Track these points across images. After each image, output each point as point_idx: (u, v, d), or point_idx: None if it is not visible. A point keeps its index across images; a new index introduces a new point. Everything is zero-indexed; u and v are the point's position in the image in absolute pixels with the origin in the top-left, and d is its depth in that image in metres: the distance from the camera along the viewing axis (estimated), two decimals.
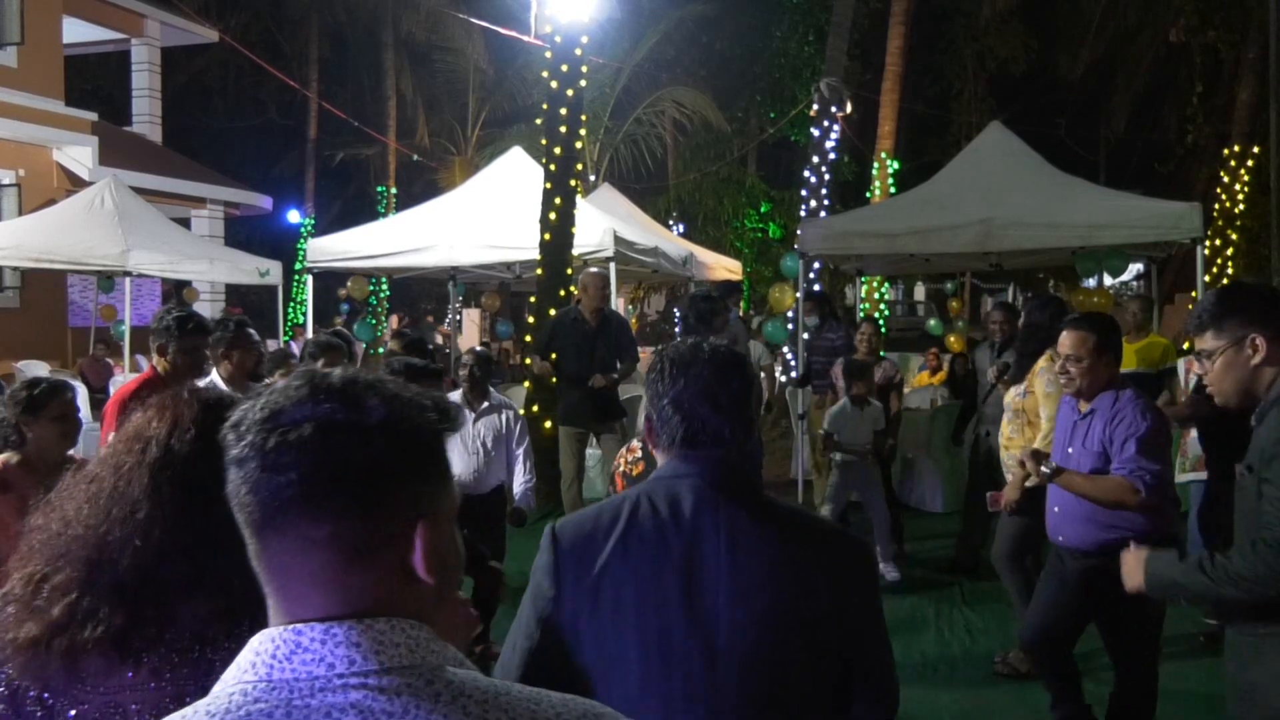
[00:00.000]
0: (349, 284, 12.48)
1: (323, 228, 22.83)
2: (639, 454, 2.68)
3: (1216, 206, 16.25)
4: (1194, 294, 7.66)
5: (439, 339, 17.63)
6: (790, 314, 12.41)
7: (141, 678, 1.29)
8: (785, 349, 11.98)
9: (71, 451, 3.66)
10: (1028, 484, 4.15)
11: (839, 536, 1.89)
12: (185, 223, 16.74)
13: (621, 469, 2.75)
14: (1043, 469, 3.70)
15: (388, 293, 24.09)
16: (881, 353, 7.99)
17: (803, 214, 15.56)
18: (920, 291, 39.02)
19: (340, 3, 24.21)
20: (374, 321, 20.38)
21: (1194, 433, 6.03)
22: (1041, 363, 4.95)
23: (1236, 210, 16.49)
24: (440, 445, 1.00)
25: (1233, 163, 16.65)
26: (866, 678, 1.80)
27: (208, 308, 16.91)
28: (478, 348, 5.77)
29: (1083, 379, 3.72)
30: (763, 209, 21.99)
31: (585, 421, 7.16)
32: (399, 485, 0.94)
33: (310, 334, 11.65)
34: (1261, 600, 2.40)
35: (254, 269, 13.50)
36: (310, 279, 11.66)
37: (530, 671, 1.68)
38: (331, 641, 0.90)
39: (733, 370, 1.80)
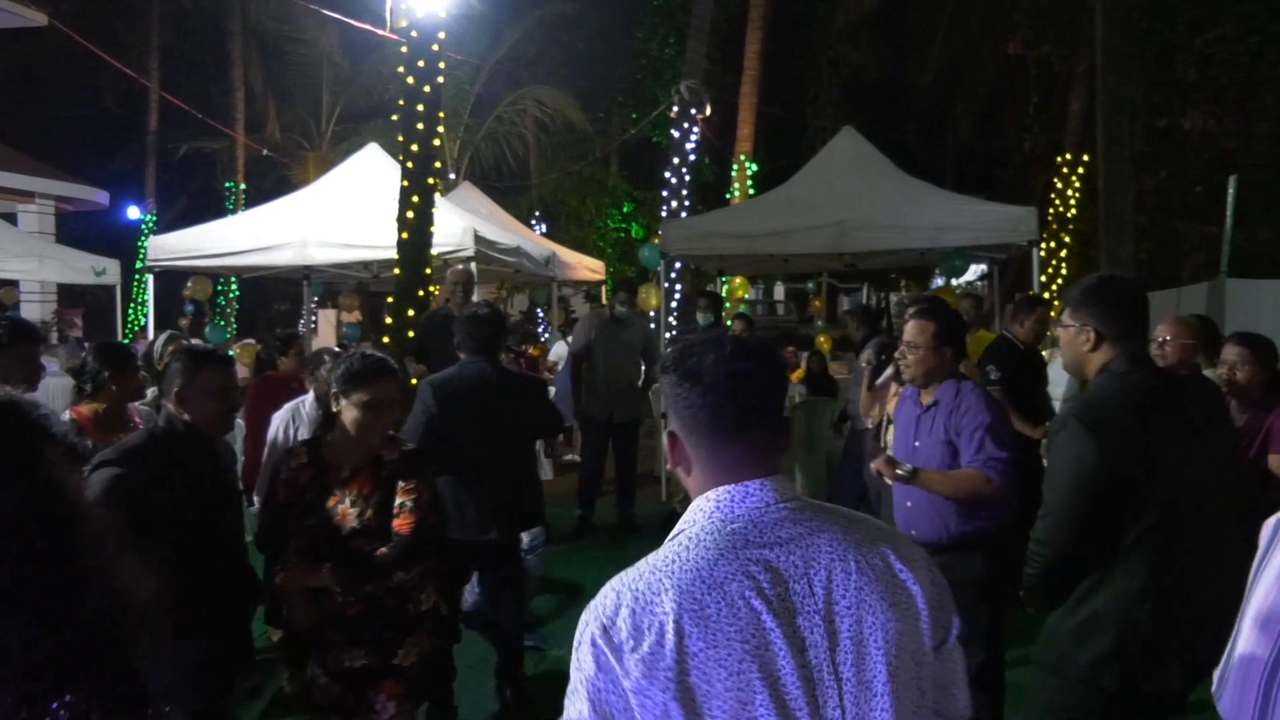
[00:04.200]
0: (190, 284, 11.84)
1: (166, 225, 21.69)
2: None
3: (1051, 211, 17.15)
4: (1030, 293, 8.11)
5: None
6: (653, 314, 12.49)
7: None
8: None
9: None
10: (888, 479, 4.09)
11: None
12: (11, 218, 15.69)
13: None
14: (899, 472, 3.71)
15: (237, 293, 23.09)
16: None
17: (664, 214, 15.71)
18: (780, 291, 40.07)
19: None
20: (223, 324, 19.50)
21: None
22: None
23: (1069, 215, 17.45)
24: None
25: (1065, 170, 17.62)
26: None
27: (37, 309, 15.85)
28: (335, 349, 5.55)
29: (918, 367, 3.83)
30: (625, 209, 22.09)
31: None
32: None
33: (151, 336, 11.04)
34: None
35: (89, 268, 12.73)
36: (151, 279, 11.05)
37: None
38: (765, 489, 1.51)
39: None
